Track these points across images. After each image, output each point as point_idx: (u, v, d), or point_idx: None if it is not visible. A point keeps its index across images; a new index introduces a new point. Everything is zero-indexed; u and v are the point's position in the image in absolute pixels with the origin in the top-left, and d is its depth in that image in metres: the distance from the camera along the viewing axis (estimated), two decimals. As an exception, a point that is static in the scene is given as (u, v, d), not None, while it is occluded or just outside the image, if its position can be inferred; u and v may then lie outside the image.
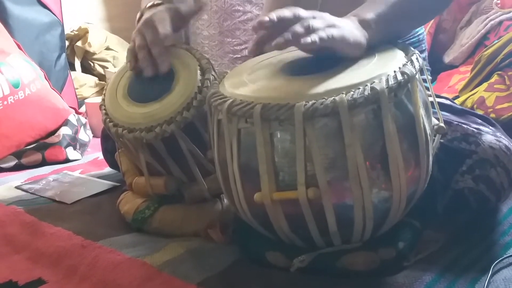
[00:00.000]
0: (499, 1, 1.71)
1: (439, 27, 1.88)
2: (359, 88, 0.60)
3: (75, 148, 1.45)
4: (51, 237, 0.87)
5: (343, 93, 0.60)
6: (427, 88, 0.75)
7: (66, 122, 1.48)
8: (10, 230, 0.92)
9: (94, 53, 2.11)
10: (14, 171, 1.33)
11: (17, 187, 1.17)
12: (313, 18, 0.66)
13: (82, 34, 2.11)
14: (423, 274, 0.70)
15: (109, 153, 1.11)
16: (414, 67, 0.64)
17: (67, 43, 2.04)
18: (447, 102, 0.94)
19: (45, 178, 1.23)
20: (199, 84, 0.81)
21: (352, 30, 0.67)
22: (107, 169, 1.26)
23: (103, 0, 2.35)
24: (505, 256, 0.73)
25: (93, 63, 2.13)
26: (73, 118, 1.52)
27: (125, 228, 0.89)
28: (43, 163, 1.37)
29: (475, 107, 1.29)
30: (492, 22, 1.66)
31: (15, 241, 0.88)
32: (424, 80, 0.73)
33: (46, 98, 1.48)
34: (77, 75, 2.04)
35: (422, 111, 0.66)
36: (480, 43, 1.68)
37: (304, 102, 0.60)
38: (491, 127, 0.85)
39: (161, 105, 0.81)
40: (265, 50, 0.71)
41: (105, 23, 2.34)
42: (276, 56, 0.77)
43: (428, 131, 0.67)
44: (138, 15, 0.91)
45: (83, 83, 2.04)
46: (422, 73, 0.73)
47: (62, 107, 1.52)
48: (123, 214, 0.91)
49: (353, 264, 0.69)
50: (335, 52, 0.67)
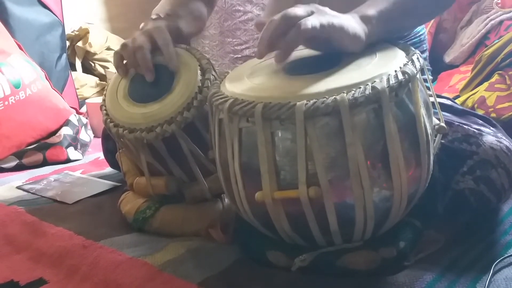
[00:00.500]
0: (500, 1, 1.71)
1: (440, 27, 1.88)
2: (360, 88, 0.60)
3: (76, 148, 1.45)
4: (52, 237, 0.87)
5: (344, 92, 0.60)
6: (428, 88, 0.75)
7: (67, 122, 1.49)
8: (11, 230, 0.92)
9: (95, 53, 2.12)
10: (15, 171, 1.33)
11: (18, 187, 1.17)
12: (314, 12, 0.66)
13: (83, 34, 2.11)
14: (424, 274, 0.69)
15: (110, 153, 1.11)
16: (415, 67, 0.64)
17: (68, 44, 2.05)
18: (448, 102, 0.94)
19: (46, 178, 1.23)
20: (200, 84, 0.81)
21: (352, 24, 0.67)
22: (108, 169, 1.26)
23: (104, 1, 2.35)
24: (506, 256, 0.73)
25: (94, 63, 2.13)
26: (74, 118, 1.52)
27: (126, 228, 0.89)
28: (44, 163, 1.37)
29: (476, 107, 1.29)
30: (493, 22, 1.66)
31: (16, 241, 0.88)
32: (425, 80, 0.73)
33: (47, 98, 1.48)
34: (78, 75, 2.04)
35: (423, 111, 0.66)
36: (481, 43, 1.68)
37: (305, 101, 0.60)
38: (492, 128, 0.85)
39: (162, 105, 0.81)
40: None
41: (106, 23, 2.35)
42: (277, 56, 0.77)
43: (429, 131, 0.67)
44: (142, 25, 0.91)
45: (84, 83, 2.04)
46: (423, 73, 0.73)
47: (63, 107, 1.52)
48: (124, 214, 0.91)
49: (354, 264, 0.69)
50: (334, 43, 0.68)
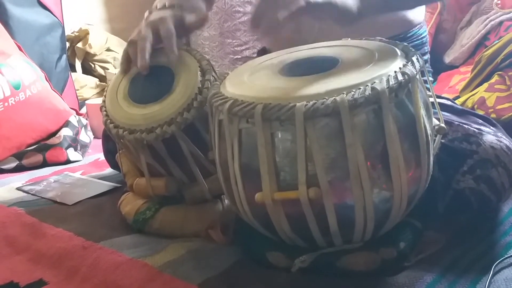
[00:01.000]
0: (499, 2, 1.71)
1: (440, 27, 1.88)
2: (360, 88, 0.60)
3: (76, 149, 1.45)
4: (52, 238, 0.87)
5: (344, 93, 0.60)
6: (428, 89, 0.75)
7: (67, 123, 1.48)
8: (11, 232, 0.92)
9: (95, 55, 2.11)
10: (15, 173, 1.33)
11: (18, 189, 1.17)
12: None
13: (83, 36, 2.11)
14: (424, 274, 0.69)
15: (111, 154, 1.11)
16: (415, 68, 0.64)
17: (68, 45, 2.04)
18: (448, 103, 0.94)
19: (46, 179, 1.23)
20: (200, 85, 0.81)
21: None
22: (108, 170, 1.26)
23: (104, 1, 2.35)
24: (506, 256, 0.73)
25: (94, 65, 2.13)
26: (74, 119, 1.52)
27: (126, 229, 0.89)
28: (44, 164, 1.37)
29: (476, 108, 1.29)
30: (493, 23, 1.66)
31: (16, 243, 0.88)
32: (425, 82, 0.73)
33: (47, 100, 1.48)
34: (78, 77, 2.04)
35: (423, 111, 0.66)
36: (481, 44, 1.68)
37: (305, 102, 0.60)
38: (492, 127, 0.85)
39: (162, 106, 0.81)
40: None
41: (106, 24, 2.34)
42: (277, 57, 0.77)
43: (429, 131, 0.67)
44: (146, 13, 0.91)
45: (84, 85, 2.04)
46: (423, 75, 0.73)
47: (63, 109, 1.52)
48: (124, 215, 0.91)
49: (354, 264, 0.69)
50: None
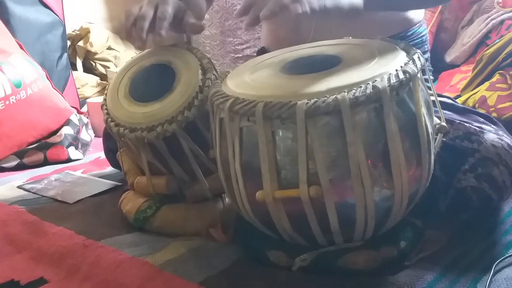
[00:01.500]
0: (501, 0, 1.71)
1: (441, 26, 1.88)
2: (361, 87, 0.60)
3: (77, 148, 1.45)
4: (53, 237, 0.87)
5: (345, 92, 0.60)
6: (429, 88, 0.75)
7: (68, 122, 1.48)
8: (12, 230, 0.92)
9: (96, 53, 2.11)
10: (16, 171, 1.33)
11: (19, 187, 1.17)
12: None
13: (84, 34, 2.11)
14: (425, 273, 0.69)
15: (112, 152, 1.11)
16: (416, 66, 0.64)
17: (69, 43, 2.04)
18: (449, 101, 0.94)
19: (47, 178, 1.23)
20: (201, 84, 0.81)
21: None
22: (109, 169, 1.26)
23: (105, 0, 2.35)
24: (507, 255, 0.73)
25: (95, 63, 2.13)
26: (75, 118, 1.52)
27: (127, 228, 0.89)
28: (45, 163, 1.37)
29: (477, 106, 1.29)
30: (494, 21, 1.66)
31: (17, 241, 0.88)
32: (426, 80, 0.73)
33: (48, 98, 1.48)
34: (79, 75, 2.04)
35: (424, 110, 0.65)
36: (482, 42, 1.68)
37: (306, 101, 0.59)
38: (493, 126, 0.85)
39: (163, 105, 0.81)
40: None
41: (107, 23, 2.34)
42: (278, 56, 0.77)
43: (430, 130, 0.67)
44: None
45: (85, 83, 2.04)
46: (424, 73, 0.73)
47: (64, 107, 1.52)
48: (125, 214, 0.91)
49: (355, 263, 0.69)
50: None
